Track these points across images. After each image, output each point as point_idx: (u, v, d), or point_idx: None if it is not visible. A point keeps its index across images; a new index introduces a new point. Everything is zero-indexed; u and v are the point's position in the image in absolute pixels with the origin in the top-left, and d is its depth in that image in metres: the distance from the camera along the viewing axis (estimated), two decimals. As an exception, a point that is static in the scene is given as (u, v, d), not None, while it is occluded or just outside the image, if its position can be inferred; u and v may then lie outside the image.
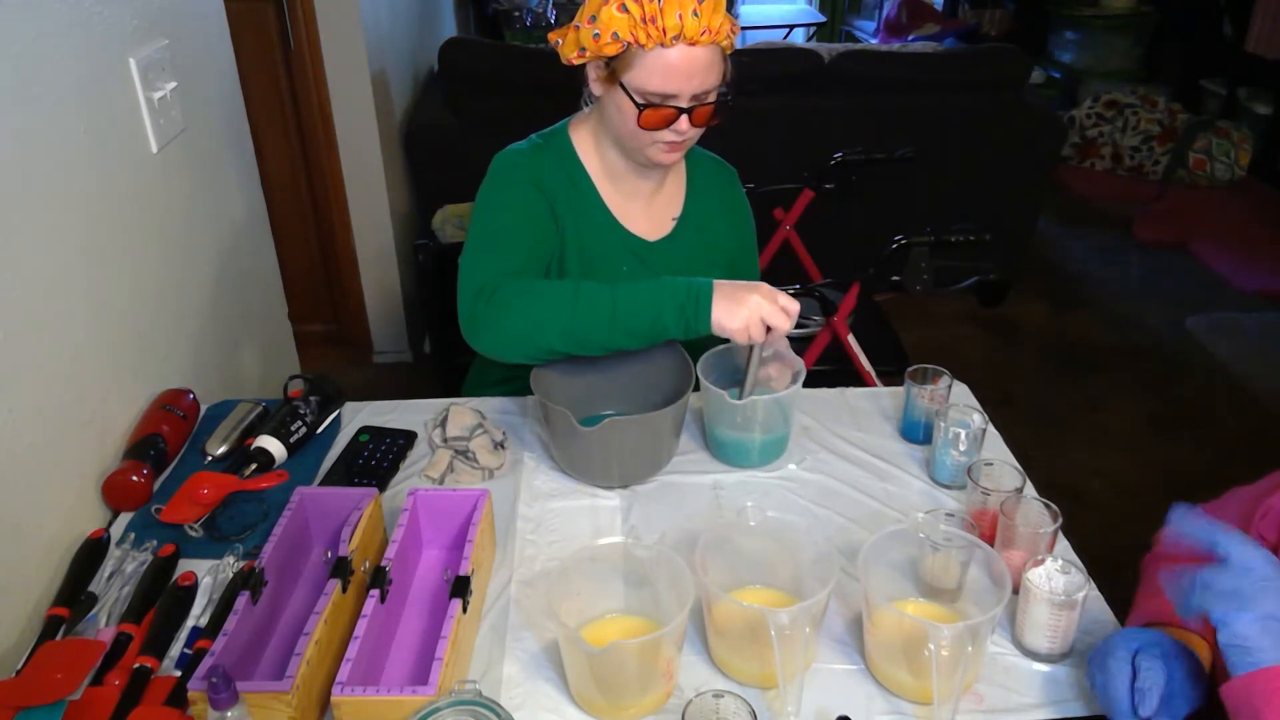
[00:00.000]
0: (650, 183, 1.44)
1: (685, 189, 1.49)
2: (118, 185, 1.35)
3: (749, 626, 0.99)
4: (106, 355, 1.31)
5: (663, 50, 1.23)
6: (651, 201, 1.46)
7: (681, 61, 1.24)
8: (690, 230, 1.48)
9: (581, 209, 1.41)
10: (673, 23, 1.21)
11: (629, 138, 1.33)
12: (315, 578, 1.14)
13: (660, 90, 1.26)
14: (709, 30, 1.22)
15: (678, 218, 1.48)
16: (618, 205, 1.44)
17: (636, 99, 1.27)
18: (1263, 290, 3.67)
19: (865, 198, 2.77)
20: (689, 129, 1.29)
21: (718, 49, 1.27)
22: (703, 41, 1.23)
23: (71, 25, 1.25)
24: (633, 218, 1.45)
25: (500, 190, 1.38)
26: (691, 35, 1.22)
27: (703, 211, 1.50)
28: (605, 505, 1.28)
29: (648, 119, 1.28)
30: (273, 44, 2.61)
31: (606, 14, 1.22)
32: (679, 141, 1.31)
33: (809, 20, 5.65)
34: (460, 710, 0.87)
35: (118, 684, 0.98)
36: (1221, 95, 4.81)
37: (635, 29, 1.22)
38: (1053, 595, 1.00)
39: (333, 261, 2.95)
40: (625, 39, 1.23)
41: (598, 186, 1.42)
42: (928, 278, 2.12)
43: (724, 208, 1.53)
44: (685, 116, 1.28)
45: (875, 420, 1.45)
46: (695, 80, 1.26)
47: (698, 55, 1.24)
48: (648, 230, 1.46)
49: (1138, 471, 2.68)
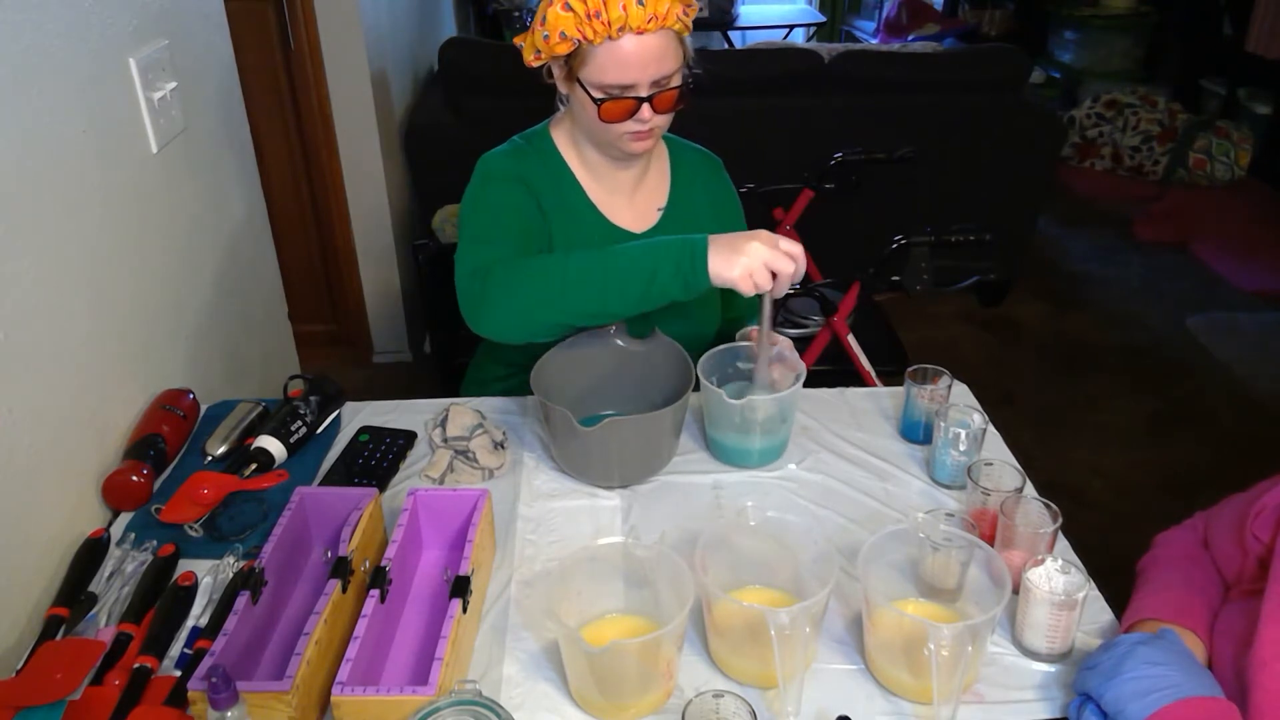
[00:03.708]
0: (631, 175, 1.45)
1: (669, 180, 1.50)
2: (118, 185, 1.35)
3: (749, 626, 0.99)
4: (106, 355, 1.31)
5: (612, 43, 1.23)
6: (635, 194, 1.47)
7: (633, 52, 1.24)
8: (676, 220, 1.49)
9: (566, 205, 1.42)
10: (617, 14, 1.21)
11: (597, 132, 1.34)
12: (315, 578, 1.14)
13: (617, 82, 1.26)
14: (655, 17, 1.22)
15: (663, 208, 1.49)
16: (602, 200, 1.44)
17: (594, 94, 1.28)
18: (1263, 290, 3.67)
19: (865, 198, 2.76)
20: (652, 117, 1.29)
21: (671, 34, 1.26)
22: (650, 29, 1.23)
23: (71, 25, 1.25)
24: (617, 211, 1.45)
25: (485, 188, 1.39)
26: (638, 24, 1.21)
27: (688, 201, 1.50)
28: (605, 505, 1.28)
29: (608, 112, 1.28)
30: (273, 44, 2.61)
31: (553, 14, 1.23)
32: (645, 130, 1.31)
33: (809, 20, 5.64)
34: (460, 710, 0.87)
35: (118, 684, 0.98)
36: (1221, 95, 4.81)
37: (581, 25, 1.22)
38: (1053, 595, 1.00)
39: (332, 261, 2.95)
40: (574, 36, 1.23)
41: (581, 182, 1.43)
42: (928, 278, 2.12)
43: (709, 196, 1.53)
44: (647, 105, 1.28)
45: (875, 420, 1.45)
46: (650, 68, 1.25)
47: (649, 43, 1.24)
48: (633, 222, 1.46)
49: (1138, 471, 2.68)
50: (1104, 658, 0.90)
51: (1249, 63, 4.53)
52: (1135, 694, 0.85)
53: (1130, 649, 0.89)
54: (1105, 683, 0.88)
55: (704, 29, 5.40)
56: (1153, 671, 0.87)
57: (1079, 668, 0.94)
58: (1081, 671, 0.92)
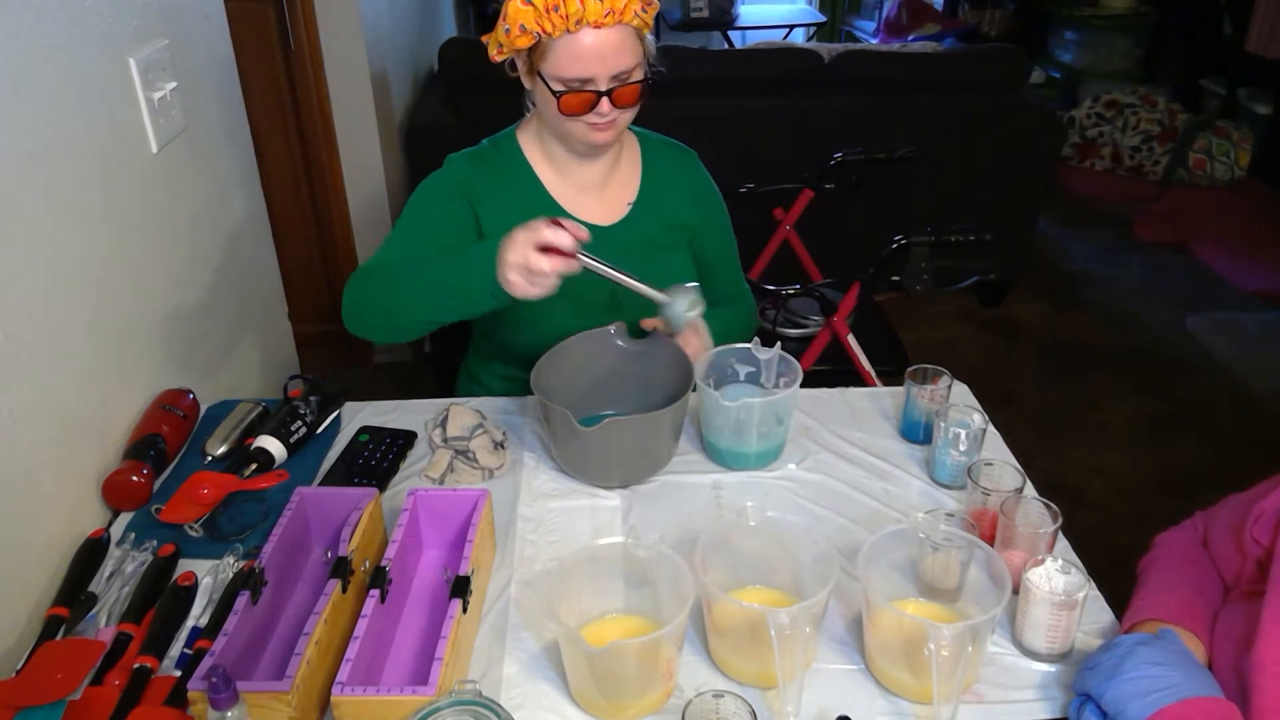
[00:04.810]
0: (599, 169, 1.45)
1: (640, 173, 1.50)
2: (118, 185, 1.35)
3: (749, 626, 0.99)
4: (106, 355, 1.31)
5: (571, 36, 1.24)
6: (604, 189, 1.47)
7: (591, 45, 1.25)
8: (646, 213, 1.49)
9: (526, 207, 1.42)
10: (575, 8, 1.22)
11: (558, 124, 1.35)
12: (315, 578, 1.14)
13: (576, 75, 1.27)
14: (614, 12, 1.23)
15: (633, 202, 1.49)
16: (568, 197, 1.45)
17: (553, 87, 1.29)
18: (1263, 290, 3.67)
19: (865, 198, 2.77)
20: (611, 110, 1.30)
21: (629, 29, 1.27)
22: (608, 23, 1.24)
23: (71, 25, 1.25)
24: (584, 207, 1.46)
25: (428, 193, 1.43)
26: (596, 18, 1.22)
27: (659, 194, 1.50)
28: (605, 505, 1.28)
29: (567, 105, 1.29)
30: (273, 44, 2.61)
31: (513, 8, 1.24)
32: (605, 123, 1.32)
33: (809, 20, 5.65)
34: (460, 710, 0.87)
35: (118, 684, 0.98)
36: (1221, 95, 4.81)
37: (541, 19, 1.23)
38: (1053, 595, 1.00)
39: (332, 261, 2.95)
40: (533, 30, 1.24)
41: (546, 182, 1.45)
42: (928, 278, 2.12)
43: (682, 188, 1.53)
44: (606, 99, 1.29)
45: (875, 420, 1.45)
46: (609, 62, 1.26)
47: (607, 38, 1.25)
48: (602, 216, 1.47)
49: (1138, 471, 2.68)
50: (1104, 658, 0.90)
51: (1249, 63, 4.53)
52: (1135, 694, 0.86)
53: (1130, 649, 0.89)
54: (1105, 683, 0.88)
55: (704, 29, 5.40)
56: (1153, 672, 0.87)
57: (1079, 668, 0.94)
58: (1081, 672, 0.92)
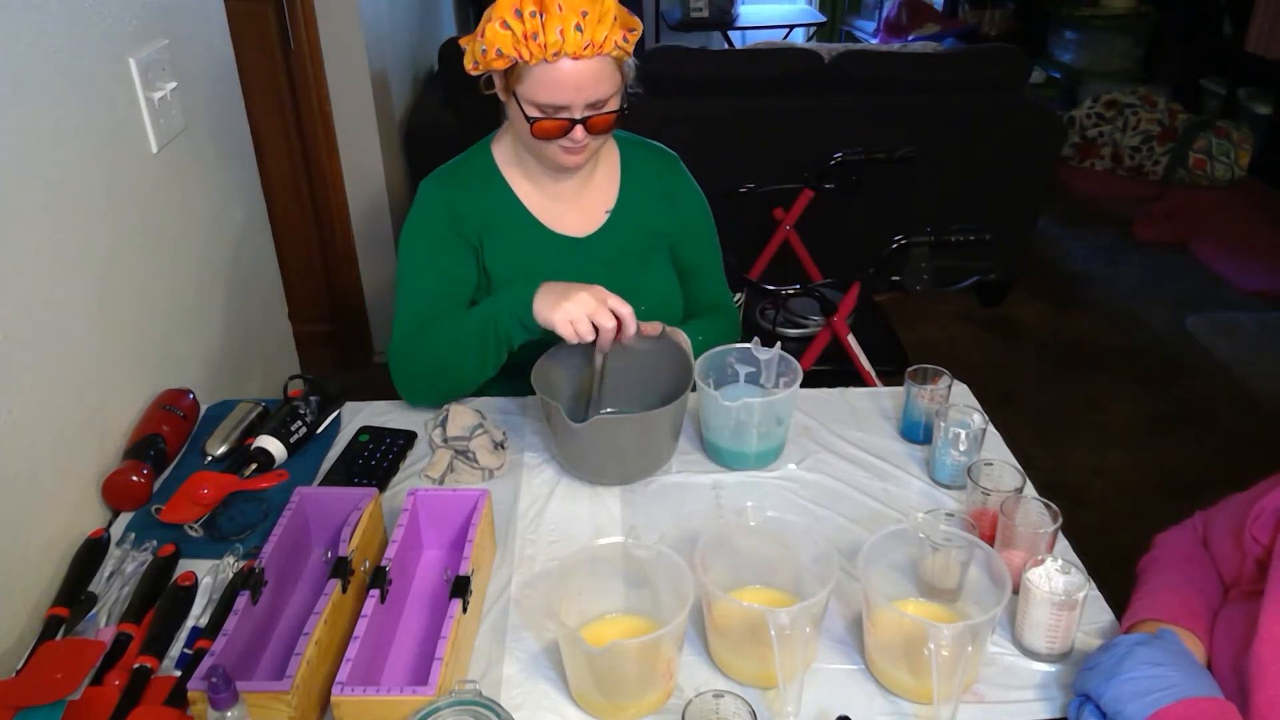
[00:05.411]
0: (574, 180, 1.44)
1: (619, 180, 1.48)
2: (118, 185, 1.35)
3: (749, 626, 0.99)
4: (106, 355, 1.31)
5: (548, 65, 1.23)
6: (579, 198, 1.46)
7: (569, 75, 1.23)
8: (625, 220, 1.47)
9: (503, 219, 1.42)
10: (554, 39, 1.20)
11: (529, 144, 1.34)
12: (315, 578, 1.14)
13: (551, 102, 1.26)
14: (593, 44, 1.21)
15: (611, 210, 1.47)
16: (543, 208, 1.44)
17: (528, 111, 1.28)
18: (1263, 290, 3.67)
19: (865, 198, 2.77)
20: (584, 137, 1.29)
21: (609, 59, 1.26)
22: (586, 55, 1.22)
23: (71, 25, 1.25)
24: (559, 217, 1.45)
25: (413, 230, 1.43)
26: (574, 50, 1.21)
27: (638, 200, 1.48)
28: (605, 505, 1.28)
29: (541, 130, 1.28)
30: (273, 44, 2.61)
31: (491, 31, 1.22)
32: (577, 148, 1.31)
33: (809, 20, 5.65)
34: (460, 710, 0.87)
35: (118, 684, 0.98)
36: (1221, 95, 4.81)
37: (518, 45, 1.21)
38: (1052, 595, 1.00)
39: (332, 262, 2.95)
40: (510, 55, 1.22)
41: (520, 193, 1.43)
42: (928, 278, 2.12)
43: (663, 194, 1.50)
44: (580, 126, 1.28)
45: (875, 420, 1.45)
46: (585, 92, 1.25)
47: (586, 68, 1.23)
48: (578, 227, 1.46)
49: (1138, 471, 2.68)
50: (1103, 658, 0.90)
51: (1249, 63, 4.53)
52: (1135, 694, 0.86)
53: (1130, 649, 0.89)
54: (1105, 683, 0.88)
55: (704, 29, 5.41)
56: (1152, 672, 0.87)
57: (1079, 668, 0.94)
58: (1081, 672, 0.93)
